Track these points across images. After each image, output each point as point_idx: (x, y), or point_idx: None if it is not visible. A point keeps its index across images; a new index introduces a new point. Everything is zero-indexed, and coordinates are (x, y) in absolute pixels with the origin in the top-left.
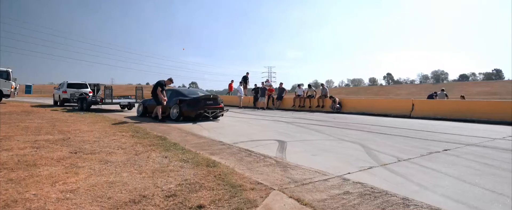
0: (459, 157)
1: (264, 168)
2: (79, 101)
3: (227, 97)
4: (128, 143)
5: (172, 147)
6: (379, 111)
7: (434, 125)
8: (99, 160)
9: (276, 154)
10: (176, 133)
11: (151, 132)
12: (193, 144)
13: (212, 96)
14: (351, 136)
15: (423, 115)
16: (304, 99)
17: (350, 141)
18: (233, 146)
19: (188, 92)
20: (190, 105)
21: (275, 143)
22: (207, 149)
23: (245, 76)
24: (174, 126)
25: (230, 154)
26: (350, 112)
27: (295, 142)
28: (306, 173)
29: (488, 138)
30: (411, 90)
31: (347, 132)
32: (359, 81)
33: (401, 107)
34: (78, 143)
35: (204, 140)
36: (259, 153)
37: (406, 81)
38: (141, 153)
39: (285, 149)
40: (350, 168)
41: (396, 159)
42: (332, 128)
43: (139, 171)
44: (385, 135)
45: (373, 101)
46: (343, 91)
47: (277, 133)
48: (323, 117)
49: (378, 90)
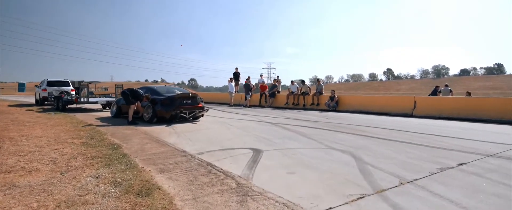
0: (481, 177)
1: (216, 196)
2: (55, 101)
3: (220, 95)
4: (68, 155)
5: (118, 160)
6: (378, 109)
7: (440, 125)
8: (6, 183)
9: (243, 171)
10: (138, 139)
11: (109, 138)
12: (147, 155)
13: (190, 94)
14: (343, 142)
15: (426, 114)
16: (298, 97)
17: (340, 150)
18: (195, 157)
19: (163, 90)
20: (164, 104)
21: (249, 152)
22: (160, 163)
23: (236, 72)
24: (142, 129)
25: (185, 170)
26: (347, 110)
27: (273, 152)
28: (270, 207)
29: (509, 144)
30: (411, 85)
31: (339, 136)
32: (359, 76)
33: (402, 105)
34: (6, 155)
35: (165, 149)
36: (221, 170)
37: (406, 77)
38: (72, 171)
39: (257, 162)
40: (333, 198)
41: (398, 181)
42: (322, 130)
43: (42, 203)
44: (384, 140)
45: (372, 98)
46: (342, 87)
47: (256, 138)
48: (315, 117)
49: (378, 86)
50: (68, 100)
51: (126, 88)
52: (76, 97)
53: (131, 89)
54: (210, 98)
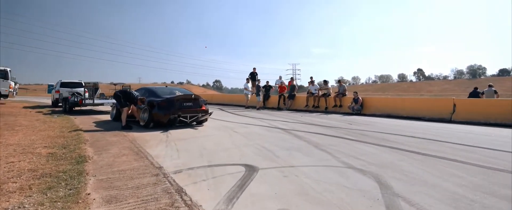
0: None
1: None
2: (63, 102)
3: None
4: (16, 171)
5: (66, 181)
6: (409, 112)
7: (489, 135)
8: None
9: (218, 204)
10: (117, 150)
11: (83, 147)
12: (111, 173)
13: (193, 96)
14: (364, 157)
15: (468, 119)
16: (318, 98)
17: (360, 170)
18: (168, 178)
19: (162, 92)
20: (162, 107)
21: (239, 171)
22: (117, 186)
23: (253, 72)
24: (132, 136)
25: (141, 201)
26: (373, 113)
27: (271, 171)
28: None
29: None
30: (444, 86)
31: (360, 148)
32: (387, 77)
33: (438, 108)
34: None
35: (139, 164)
36: (189, 202)
37: (438, 77)
38: None
39: (244, 189)
40: None
41: None
42: (340, 140)
43: None
44: (419, 155)
45: (402, 100)
46: (370, 88)
47: (257, 149)
48: (336, 121)
49: (408, 87)
50: (73, 102)
51: (118, 90)
52: (80, 99)
53: (124, 90)
54: (228, 100)
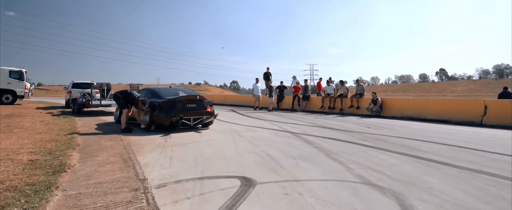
0: None
1: None
2: (72, 103)
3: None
4: None
5: (28, 198)
6: (433, 115)
7: None
8: None
9: None
10: (105, 157)
11: (69, 153)
12: (85, 186)
13: (197, 97)
14: (384, 169)
15: (502, 122)
16: (334, 99)
17: (378, 186)
18: (147, 194)
19: (165, 92)
20: (163, 109)
21: (233, 187)
22: (82, 206)
23: (267, 72)
24: (127, 141)
25: None
26: (393, 115)
27: (271, 187)
28: None
29: None
30: (468, 87)
31: (380, 157)
32: (408, 77)
33: (467, 110)
34: None
35: (121, 175)
36: None
37: (462, 77)
38: None
39: None
40: None
41: None
42: (356, 146)
43: None
44: (449, 167)
45: (425, 101)
46: (389, 89)
47: (260, 157)
48: (352, 124)
49: (430, 87)
50: (81, 103)
51: (118, 91)
52: (87, 100)
53: (124, 91)
54: (241, 101)
